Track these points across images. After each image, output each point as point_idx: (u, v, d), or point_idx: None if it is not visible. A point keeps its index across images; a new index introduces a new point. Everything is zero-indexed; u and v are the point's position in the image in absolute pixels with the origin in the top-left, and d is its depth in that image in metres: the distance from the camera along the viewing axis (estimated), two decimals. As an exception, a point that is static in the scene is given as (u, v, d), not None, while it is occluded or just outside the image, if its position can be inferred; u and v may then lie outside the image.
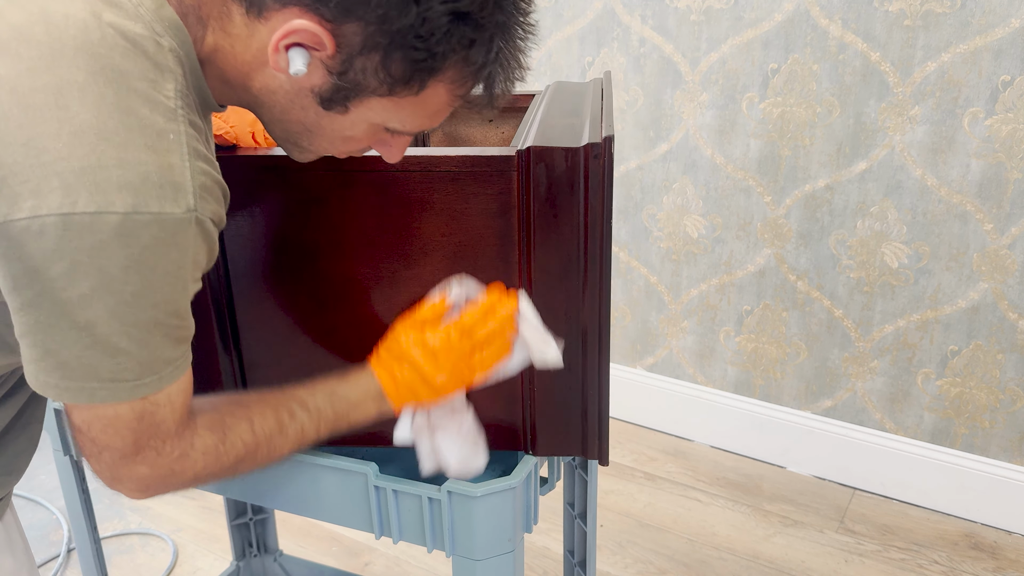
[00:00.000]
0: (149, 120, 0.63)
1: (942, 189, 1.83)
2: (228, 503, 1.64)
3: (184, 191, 0.63)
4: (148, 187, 0.61)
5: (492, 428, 0.98)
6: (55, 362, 0.64)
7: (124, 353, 0.65)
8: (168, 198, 0.62)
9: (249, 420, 0.77)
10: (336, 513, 1.00)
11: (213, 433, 0.75)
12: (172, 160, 0.63)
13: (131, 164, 0.61)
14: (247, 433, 0.77)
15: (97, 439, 0.69)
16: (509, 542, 0.95)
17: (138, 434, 0.69)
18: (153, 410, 0.69)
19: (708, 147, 2.08)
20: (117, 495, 2.15)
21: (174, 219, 0.63)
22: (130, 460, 0.70)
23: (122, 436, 0.69)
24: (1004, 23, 1.68)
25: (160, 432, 0.70)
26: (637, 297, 2.33)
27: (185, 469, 0.73)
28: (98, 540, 1.30)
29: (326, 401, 0.83)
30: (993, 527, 1.99)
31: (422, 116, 0.75)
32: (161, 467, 0.72)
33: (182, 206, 0.63)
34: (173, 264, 0.64)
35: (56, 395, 0.66)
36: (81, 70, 0.61)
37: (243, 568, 1.67)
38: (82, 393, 0.65)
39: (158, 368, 0.67)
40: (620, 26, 2.11)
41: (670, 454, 2.30)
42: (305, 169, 0.86)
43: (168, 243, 0.63)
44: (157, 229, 0.62)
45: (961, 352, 1.93)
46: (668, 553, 1.93)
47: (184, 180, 0.64)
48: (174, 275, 0.65)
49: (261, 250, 0.92)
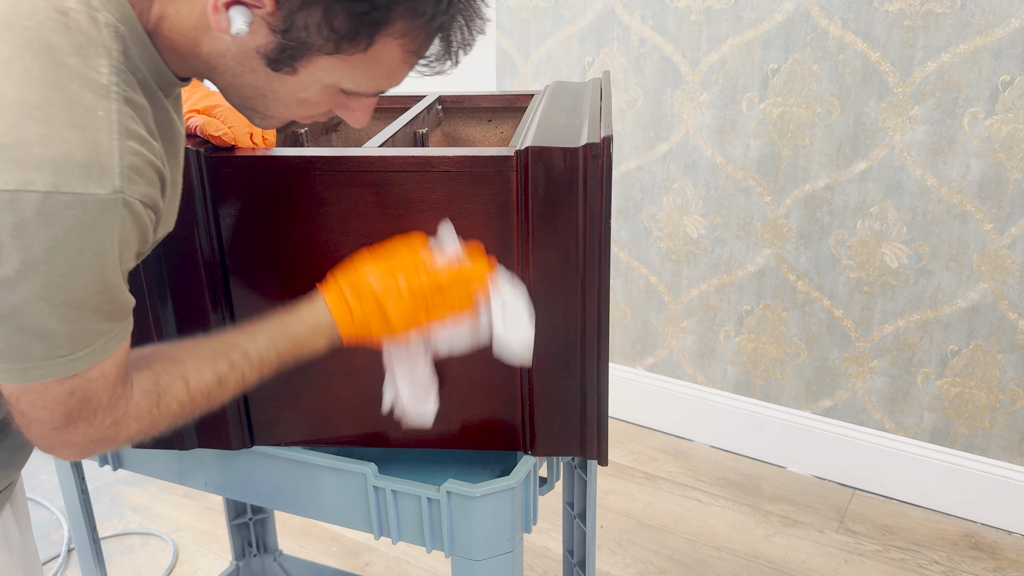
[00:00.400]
0: (77, 96, 0.60)
1: (942, 189, 1.83)
2: (228, 503, 1.64)
3: (110, 171, 0.61)
4: (71, 166, 0.59)
5: (491, 428, 0.98)
6: None
7: (54, 333, 0.63)
8: (92, 178, 0.59)
9: (184, 379, 0.75)
10: (335, 513, 1.00)
11: (147, 398, 0.73)
12: (99, 138, 0.60)
13: (54, 141, 0.58)
14: (182, 392, 0.75)
15: (25, 412, 0.67)
16: (508, 542, 0.95)
17: (68, 408, 0.67)
18: (84, 385, 0.67)
19: (708, 147, 2.08)
20: (117, 495, 2.15)
21: (97, 200, 0.60)
22: (61, 431, 0.69)
23: (51, 411, 0.67)
24: (1004, 23, 1.68)
25: (91, 405, 0.68)
26: (637, 297, 2.33)
27: (119, 434, 0.72)
28: (98, 540, 1.31)
29: (269, 344, 0.80)
30: (993, 527, 1.99)
31: (376, 75, 0.72)
32: (93, 435, 0.70)
33: (107, 187, 0.60)
34: (99, 246, 0.61)
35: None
36: (7, 44, 0.59)
37: (243, 568, 1.68)
38: (14, 374, 0.64)
39: (90, 341, 0.65)
40: (620, 26, 2.11)
41: (670, 454, 2.30)
42: (303, 170, 0.86)
43: (92, 224, 0.60)
44: (80, 210, 0.59)
45: (961, 352, 1.93)
46: (668, 553, 1.93)
47: (111, 160, 0.61)
48: (101, 257, 0.62)
49: (259, 250, 0.92)
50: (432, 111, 1.11)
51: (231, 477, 1.05)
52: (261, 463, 1.02)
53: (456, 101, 1.18)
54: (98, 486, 2.18)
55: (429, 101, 1.11)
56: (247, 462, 1.03)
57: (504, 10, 2.26)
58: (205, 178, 0.88)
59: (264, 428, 1.00)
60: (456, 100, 1.18)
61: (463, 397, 0.96)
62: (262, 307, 0.94)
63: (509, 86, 2.34)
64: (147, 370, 0.74)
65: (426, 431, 0.97)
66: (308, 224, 0.89)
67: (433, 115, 1.12)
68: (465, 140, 1.19)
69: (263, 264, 0.92)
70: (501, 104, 1.19)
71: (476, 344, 0.87)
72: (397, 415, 0.91)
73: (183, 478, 1.08)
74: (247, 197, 0.89)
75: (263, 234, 0.91)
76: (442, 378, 0.96)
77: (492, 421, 0.97)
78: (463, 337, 0.87)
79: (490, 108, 1.19)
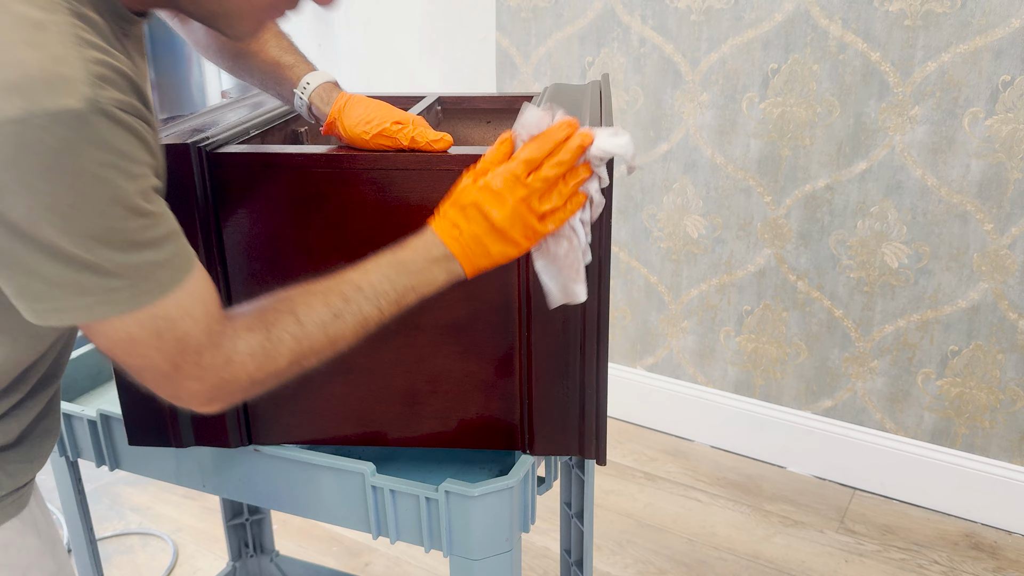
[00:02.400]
0: (23, 13, 0.57)
1: (942, 189, 1.83)
2: (224, 503, 1.63)
3: (76, 81, 0.56)
4: (34, 84, 0.55)
5: (489, 427, 0.98)
6: (40, 286, 0.60)
7: (104, 268, 0.60)
8: (59, 92, 0.56)
9: (293, 313, 0.72)
10: (333, 513, 1.00)
11: (254, 332, 0.70)
12: (56, 51, 0.57)
13: (10, 64, 0.55)
14: (293, 326, 0.71)
15: (129, 363, 0.66)
16: (507, 542, 0.95)
17: (166, 353, 0.65)
18: (169, 324, 0.64)
19: (708, 147, 2.08)
20: (117, 495, 2.15)
21: (72, 113, 0.56)
22: (173, 378, 0.67)
23: (150, 357, 0.65)
24: (1004, 23, 1.68)
25: (190, 345, 0.66)
26: (637, 297, 2.33)
27: (237, 376, 0.69)
28: (94, 541, 1.30)
29: (383, 276, 0.75)
30: (993, 527, 1.98)
31: None
32: (209, 379, 0.68)
33: (77, 98, 0.56)
34: (96, 163, 0.58)
35: (58, 319, 0.62)
36: None
37: (239, 568, 1.67)
38: (80, 311, 0.61)
39: (147, 272, 0.62)
40: (620, 26, 2.11)
41: (670, 454, 2.30)
42: (304, 167, 0.86)
43: (77, 141, 0.57)
44: (59, 128, 0.56)
45: (961, 352, 1.93)
46: (668, 553, 1.92)
47: (73, 70, 0.57)
48: (106, 174, 0.58)
49: (259, 249, 0.91)
50: (431, 112, 1.11)
51: (228, 477, 1.05)
52: (259, 462, 1.02)
53: (455, 102, 1.18)
54: (98, 486, 2.18)
55: (428, 102, 1.11)
56: (245, 461, 1.03)
57: (504, 10, 2.26)
58: (206, 176, 0.87)
59: (262, 427, 1.00)
60: (455, 101, 1.18)
61: (461, 396, 0.96)
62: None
63: (509, 86, 2.34)
64: (252, 311, 0.72)
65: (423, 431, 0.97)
66: (309, 222, 0.89)
67: (432, 116, 1.12)
68: (464, 141, 1.19)
69: (263, 262, 0.92)
70: (500, 106, 1.18)
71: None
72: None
73: (180, 478, 1.07)
74: (248, 195, 0.89)
75: (263, 232, 0.91)
76: (440, 377, 0.96)
77: (490, 420, 0.97)
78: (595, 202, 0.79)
79: (489, 110, 1.19)
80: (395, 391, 0.96)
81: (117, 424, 1.08)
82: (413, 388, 0.96)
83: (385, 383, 0.96)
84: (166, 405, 0.96)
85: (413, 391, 0.96)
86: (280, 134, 1.08)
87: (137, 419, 0.98)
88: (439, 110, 1.16)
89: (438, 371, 0.95)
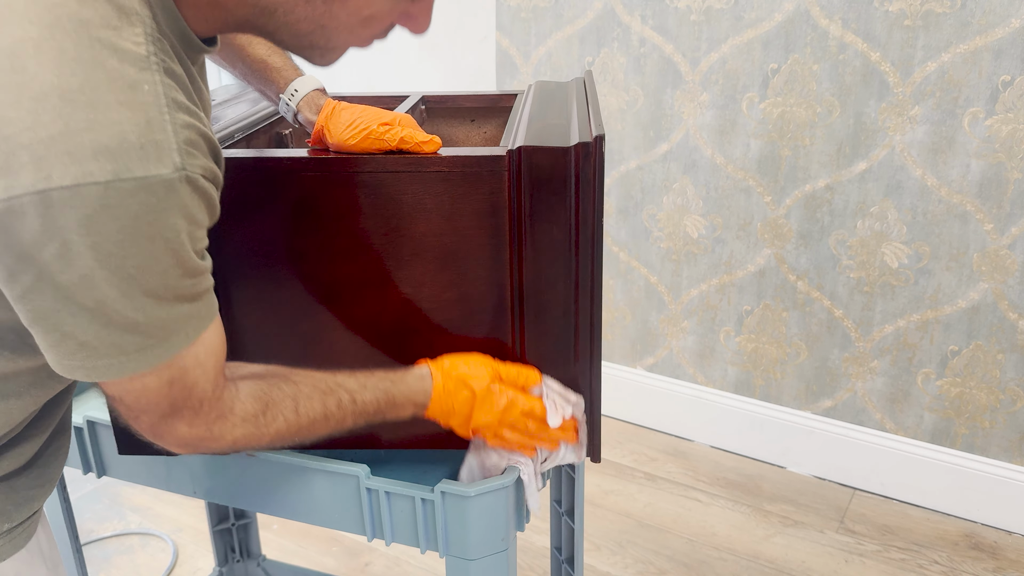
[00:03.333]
0: (118, 72, 0.56)
1: (942, 189, 1.83)
2: (210, 508, 1.62)
3: (168, 149, 0.57)
4: (127, 149, 0.55)
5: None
6: (75, 344, 0.60)
7: (143, 324, 0.61)
8: (151, 159, 0.56)
9: (295, 400, 0.76)
10: (328, 516, 0.99)
11: (255, 403, 0.73)
12: (150, 115, 0.57)
13: (104, 125, 0.54)
14: (290, 412, 0.76)
15: (132, 406, 0.67)
16: (503, 541, 0.95)
17: (172, 398, 0.67)
18: (182, 375, 0.66)
19: (708, 147, 2.08)
20: (117, 495, 2.16)
21: (161, 181, 0.56)
22: (168, 419, 0.68)
23: (156, 402, 0.67)
24: (1004, 23, 1.67)
25: (195, 394, 0.68)
26: (637, 297, 2.32)
27: (223, 433, 0.72)
28: (80, 550, 1.30)
29: (373, 399, 0.82)
30: (993, 527, 1.98)
31: None
32: (199, 427, 0.70)
33: (168, 166, 0.57)
34: (171, 229, 0.58)
35: (85, 376, 0.62)
36: (34, 24, 0.54)
37: (226, 573, 1.67)
38: (111, 370, 0.62)
39: (179, 326, 0.64)
40: (620, 26, 2.10)
41: (670, 454, 2.29)
42: (295, 170, 0.86)
43: (159, 208, 0.57)
44: (145, 195, 0.56)
45: (961, 352, 1.92)
46: (668, 553, 1.92)
47: (166, 136, 0.57)
48: (175, 240, 0.59)
49: (250, 252, 0.91)
50: (416, 111, 1.11)
51: (220, 482, 1.04)
52: (251, 467, 1.01)
53: (439, 101, 1.18)
54: (98, 486, 2.19)
55: (412, 101, 1.10)
56: (236, 466, 1.02)
57: (504, 10, 2.26)
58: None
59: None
60: (439, 100, 1.18)
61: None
62: (253, 309, 0.94)
63: (509, 86, 2.34)
64: (260, 380, 0.75)
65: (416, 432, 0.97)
66: (299, 225, 0.89)
67: (417, 115, 1.12)
68: (448, 140, 1.19)
69: (253, 266, 0.92)
70: (484, 104, 1.18)
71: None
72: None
73: (170, 484, 1.06)
74: (236, 200, 0.89)
75: (253, 238, 0.90)
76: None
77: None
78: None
79: (473, 108, 1.19)
80: (389, 392, 0.96)
81: (104, 430, 1.07)
82: (407, 389, 0.96)
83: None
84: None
85: (407, 392, 0.96)
86: (265, 137, 1.08)
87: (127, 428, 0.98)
88: (423, 109, 1.16)
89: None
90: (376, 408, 0.83)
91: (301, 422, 0.77)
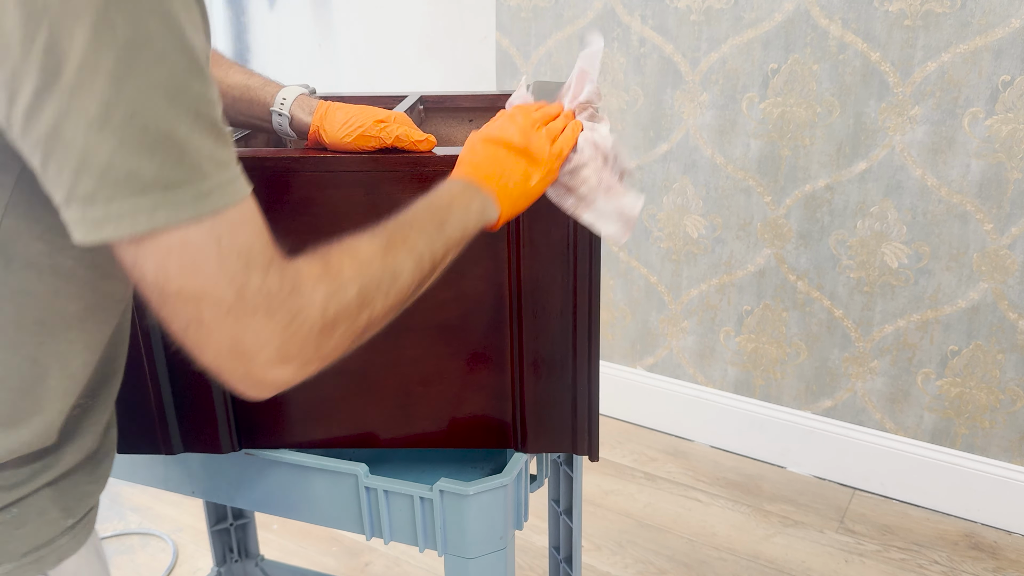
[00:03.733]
0: None
1: (942, 189, 1.83)
2: (208, 508, 1.62)
3: None
4: None
5: (482, 426, 0.98)
6: (92, 181, 0.53)
7: (162, 144, 0.54)
8: None
9: (343, 246, 0.67)
10: (326, 515, 1.00)
11: (314, 261, 0.64)
12: None
13: None
14: (348, 256, 0.66)
15: (183, 289, 0.56)
16: (501, 539, 0.95)
17: (227, 269, 0.57)
18: (231, 231, 0.57)
19: (708, 147, 2.08)
20: (117, 495, 2.16)
21: None
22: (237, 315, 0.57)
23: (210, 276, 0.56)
24: (1004, 23, 1.67)
25: (254, 259, 0.58)
26: (637, 297, 2.32)
27: (307, 308, 0.60)
28: None
29: (418, 212, 0.74)
30: (993, 527, 1.98)
31: None
32: (278, 312, 0.59)
33: None
34: (172, 17, 0.54)
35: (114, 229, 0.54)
36: None
37: (224, 573, 1.67)
38: (140, 216, 0.54)
39: (212, 171, 0.56)
40: (620, 26, 2.11)
41: (670, 454, 2.29)
42: (292, 170, 0.86)
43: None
44: None
45: (961, 352, 1.92)
46: (668, 553, 1.92)
47: None
48: (176, 16, 0.54)
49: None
50: (414, 111, 1.11)
51: (219, 482, 1.04)
52: (250, 466, 1.01)
53: (437, 101, 1.18)
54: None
55: (411, 101, 1.11)
56: (235, 466, 1.02)
57: (504, 10, 2.26)
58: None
59: (253, 431, 0.99)
60: (437, 100, 1.18)
61: (453, 396, 0.96)
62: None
63: (509, 86, 2.34)
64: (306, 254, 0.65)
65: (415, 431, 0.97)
66: (298, 226, 0.89)
67: (415, 115, 1.12)
68: (447, 140, 1.19)
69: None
70: (482, 104, 1.18)
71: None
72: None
73: (169, 483, 1.06)
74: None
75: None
76: (432, 378, 0.96)
77: (483, 419, 0.98)
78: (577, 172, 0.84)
79: (471, 108, 1.19)
80: (387, 392, 0.96)
81: None
82: (405, 389, 0.96)
83: (376, 385, 0.96)
84: (155, 412, 0.96)
85: (405, 392, 0.96)
86: (263, 137, 1.08)
87: (126, 426, 0.98)
88: (421, 109, 1.16)
89: (430, 372, 0.95)
90: (431, 218, 0.73)
91: (365, 259, 0.66)
